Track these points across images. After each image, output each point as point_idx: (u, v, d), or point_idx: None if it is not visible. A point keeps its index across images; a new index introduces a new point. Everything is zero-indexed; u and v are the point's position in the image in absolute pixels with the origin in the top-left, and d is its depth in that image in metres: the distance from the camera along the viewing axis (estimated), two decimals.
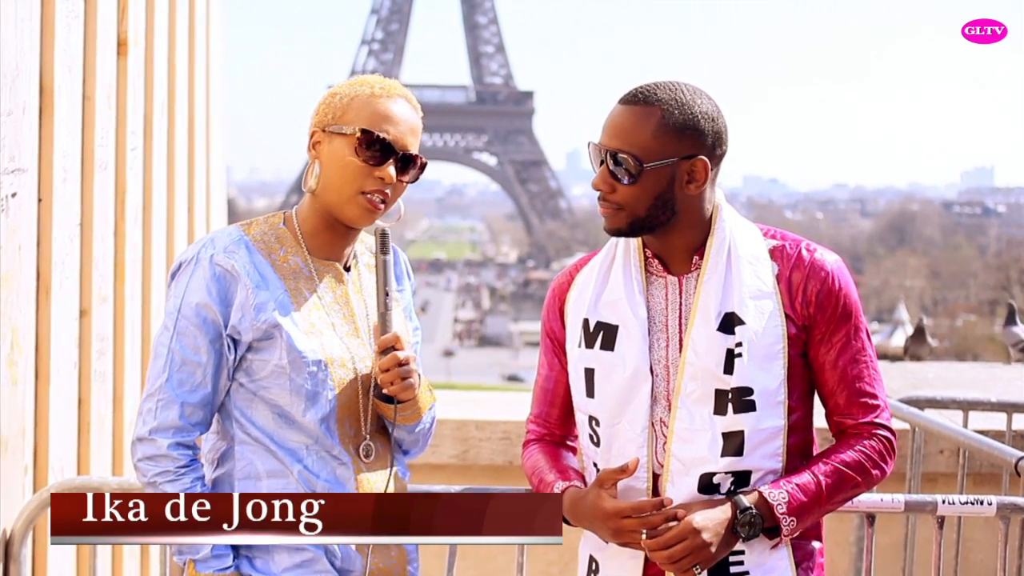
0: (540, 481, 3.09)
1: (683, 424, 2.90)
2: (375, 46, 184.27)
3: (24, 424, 3.74)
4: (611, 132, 2.87)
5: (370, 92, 2.91)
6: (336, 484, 2.90)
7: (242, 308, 2.85)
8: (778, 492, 2.84)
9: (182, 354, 2.84)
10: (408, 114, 2.93)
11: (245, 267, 2.86)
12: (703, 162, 2.88)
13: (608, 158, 2.86)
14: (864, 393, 2.95)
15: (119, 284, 4.46)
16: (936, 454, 5.51)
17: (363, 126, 2.86)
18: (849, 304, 2.94)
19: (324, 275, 2.96)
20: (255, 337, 2.86)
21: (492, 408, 6.05)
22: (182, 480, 2.82)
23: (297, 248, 2.95)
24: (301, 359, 2.85)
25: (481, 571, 5.73)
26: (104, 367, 4.32)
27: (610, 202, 2.88)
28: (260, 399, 2.89)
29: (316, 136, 2.93)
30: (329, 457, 2.91)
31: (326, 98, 2.95)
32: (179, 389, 2.84)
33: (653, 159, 2.83)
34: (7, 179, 3.59)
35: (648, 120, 2.84)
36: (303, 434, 2.89)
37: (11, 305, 3.63)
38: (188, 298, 2.85)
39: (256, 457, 2.89)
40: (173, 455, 2.83)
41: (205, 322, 2.84)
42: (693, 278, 2.96)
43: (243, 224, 2.98)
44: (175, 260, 2.92)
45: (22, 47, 3.68)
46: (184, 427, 2.84)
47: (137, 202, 4.62)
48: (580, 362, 3.02)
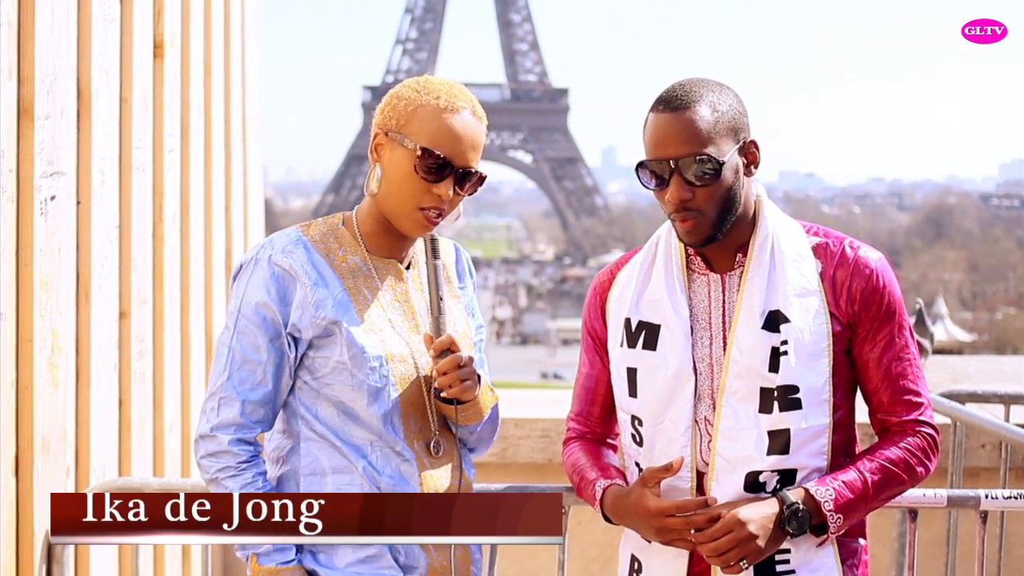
0: (581, 479, 3.08)
1: (728, 423, 2.88)
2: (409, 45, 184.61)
3: (65, 426, 3.76)
4: (672, 140, 2.82)
5: (435, 104, 2.86)
6: (400, 480, 2.90)
7: (301, 306, 2.86)
8: (825, 489, 2.82)
9: (243, 353, 2.87)
10: (471, 128, 2.88)
11: (303, 266, 2.87)
12: (754, 142, 2.89)
13: (680, 167, 2.81)
14: (908, 391, 2.94)
15: (158, 285, 4.47)
16: (978, 448, 5.47)
17: (424, 143, 2.83)
18: (893, 302, 2.93)
19: (384, 273, 2.97)
20: (315, 334, 2.87)
21: (531, 406, 6.04)
22: (244, 475, 2.84)
23: (356, 247, 2.96)
24: (362, 355, 2.86)
25: (522, 569, 5.73)
26: (144, 368, 4.34)
27: (692, 210, 2.83)
28: (324, 396, 2.90)
29: (379, 139, 2.91)
30: (393, 454, 2.90)
31: (391, 99, 2.92)
32: (240, 387, 2.86)
33: (724, 153, 2.82)
34: (46, 182, 3.60)
35: (704, 118, 2.81)
36: (367, 430, 2.89)
37: (51, 308, 3.65)
38: (248, 298, 2.87)
39: (321, 453, 2.90)
40: (234, 451, 2.84)
41: (265, 321, 2.86)
42: (736, 276, 2.95)
43: (302, 225, 2.99)
44: (236, 263, 2.93)
45: (59, 51, 3.69)
46: (245, 424, 2.86)
47: (175, 204, 4.64)
48: (622, 362, 3.01)
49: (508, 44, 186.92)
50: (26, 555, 3.59)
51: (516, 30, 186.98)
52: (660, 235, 3.05)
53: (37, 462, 3.58)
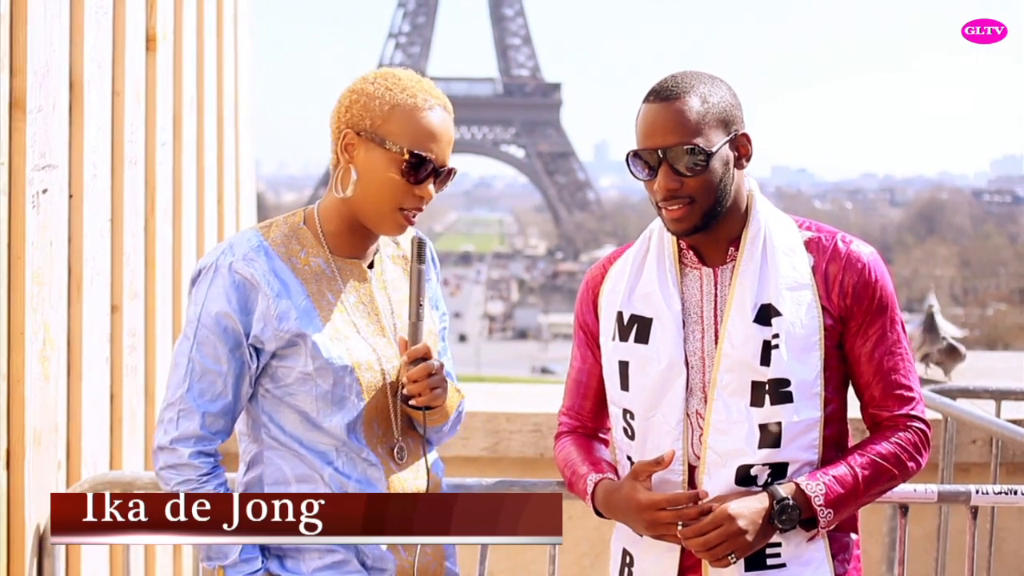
0: (573, 473, 3.08)
1: (720, 416, 2.88)
2: (402, 39, 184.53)
3: (57, 420, 3.75)
4: (661, 130, 2.83)
5: (413, 104, 2.83)
6: (367, 484, 2.88)
7: (264, 318, 2.82)
8: (815, 484, 2.83)
9: (203, 364, 2.83)
10: (447, 125, 2.88)
11: (265, 275, 2.83)
12: (746, 135, 2.89)
13: (668, 156, 2.82)
14: (899, 385, 2.94)
15: (150, 279, 4.46)
16: (969, 444, 5.47)
17: (410, 146, 2.81)
18: (885, 296, 2.93)
19: (347, 274, 2.93)
20: (279, 346, 2.84)
21: (522, 400, 6.03)
22: (205, 488, 2.81)
23: (318, 248, 2.92)
24: (328, 366, 2.83)
25: (513, 563, 5.73)
26: (136, 362, 4.33)
27: (681, 198, 2.84)
28: (286, 404, 2.88)
29: (349, 138, 2.86)
30: (359, 459, 2.89)
31: (357, 96, 2.86)
32: (200, 399, 2.83)
33: (713, 144, 2.82)
34: (38, 175, 3.60)
35: (694, 108, 2.82)
36: (331, 437, 2.87)
37: (43, 301, 3.64)
38: (208, 307, 2.82)
39: (284, 462, 2.88)
40: (195, 464, 2.82)
41: (225, 331, 2.82)
42: (728, 269, 2.95)
43: (262, 226, 2.94)
44: (195, 266, 2.91)
45: (51, 43, 3.69)
46: (205, 436, 2.84)
47: (167, 197, 4.63)
48: (614, 355, 3.01)
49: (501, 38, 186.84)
50: (17, 549, 3.58)
51: (509, 24, 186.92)
52: (653, 229, 3.05)
53: (28, 455, 3.57)
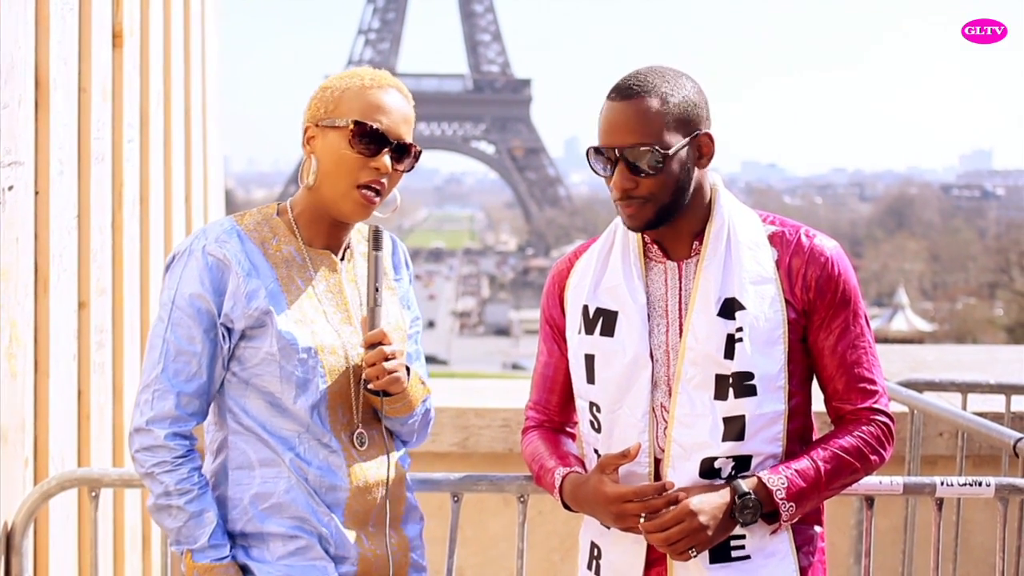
0: (540, 467, 3.10)
1: (684, 409, 2.90)
2: (372, 36, 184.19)
3: (24, 417, 3.74)
4: (620, 129, 2.84)
5: (361, 84, 2.92)
6: (328, 472, 2.92)
7: (234, 296, 2.86)
8: (777, 478, 2.84)
9: (177, 344, 2.86)
10: (400, 103, 2.94)
11: (236, 256, 2.88)
12: (708, 135, 2.90)
13: (625, 155, 2.83)
14: (863, 379, 2.96)
15: (117, 276, 4.45)
16: (935, 437, 5.51)
17: (356, 118, 2.87)
18: (848, 290, 2.95)
19: (318, 264, 2.97)
20: (247, 325, 2.87)
21: (491, 396, 6.05)
22: (179, 470, 2.84)
23: (291, 237, 2.97)
24: (291, 346, 2.86)
25: (483, 558, 5.74)
26: (103, 359, 4.32)
27: (636, 198, 2.86)
28: (252, 387, 2.91)
29: (310, 131, 2.93)
30: (320, 445, 2.92)
31: (318, 93, 2.96)
32: (175, 379, 2.86)
33: (670, 145, 2.83)
34: (4, 172, 3.58)
35: (653, 108, 2.83)
36: (295, 422, 2.90)
37: (9, 298, 3.63)
38: (182, 289, 2.87)
39: (248, 446, 2.92)
40: (170, 445, 2.84)
41: (199, 312, 2.86)
42: (693, 263, 2.97)
43: (237, 215, 3.00)
44: (170, 253, 2.93)
45: (17, 40, 3.67)
46: (181, 417, 2.86)
47: (134, 194, 4.61)
48: (580, 348, 3.02)
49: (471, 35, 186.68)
50: None
51: (479, 20, 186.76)
52: (618, 224, 3.06)
53: None
